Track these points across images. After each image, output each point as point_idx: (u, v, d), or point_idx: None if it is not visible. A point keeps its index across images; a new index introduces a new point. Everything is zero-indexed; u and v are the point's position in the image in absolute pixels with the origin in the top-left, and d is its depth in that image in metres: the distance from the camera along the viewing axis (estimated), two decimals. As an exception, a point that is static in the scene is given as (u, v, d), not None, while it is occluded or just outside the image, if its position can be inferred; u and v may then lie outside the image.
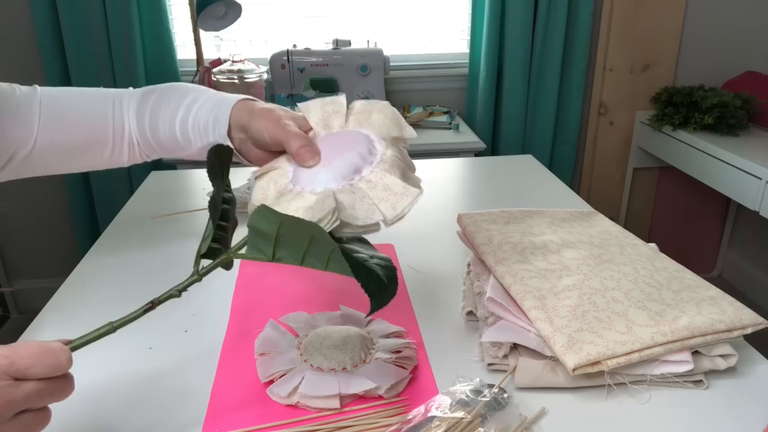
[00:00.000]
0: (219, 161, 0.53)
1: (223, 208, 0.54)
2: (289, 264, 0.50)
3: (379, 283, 0.49)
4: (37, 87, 0.71)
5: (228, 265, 0.55)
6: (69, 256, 2.13)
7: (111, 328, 0.49)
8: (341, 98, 0.65)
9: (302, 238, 0.47)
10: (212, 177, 0.53)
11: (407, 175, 0.58)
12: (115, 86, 1.88)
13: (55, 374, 0.43)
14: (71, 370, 0.45)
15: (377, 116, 0.62)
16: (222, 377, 0.63)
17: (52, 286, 0.83)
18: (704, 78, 2.12)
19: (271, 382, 0.61)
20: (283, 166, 0.60)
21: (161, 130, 0.72)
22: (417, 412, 0.55)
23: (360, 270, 0.47)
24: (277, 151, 0.63)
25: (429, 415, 0.55)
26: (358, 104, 0.64)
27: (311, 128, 0.63)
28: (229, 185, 0.56)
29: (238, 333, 0.71)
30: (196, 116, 0.70)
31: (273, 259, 0.49)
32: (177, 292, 0.52)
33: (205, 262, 0.53)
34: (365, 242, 0.53)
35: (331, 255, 0.47)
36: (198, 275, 0.52)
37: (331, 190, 0.54)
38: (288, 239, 0.47)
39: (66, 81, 1.90)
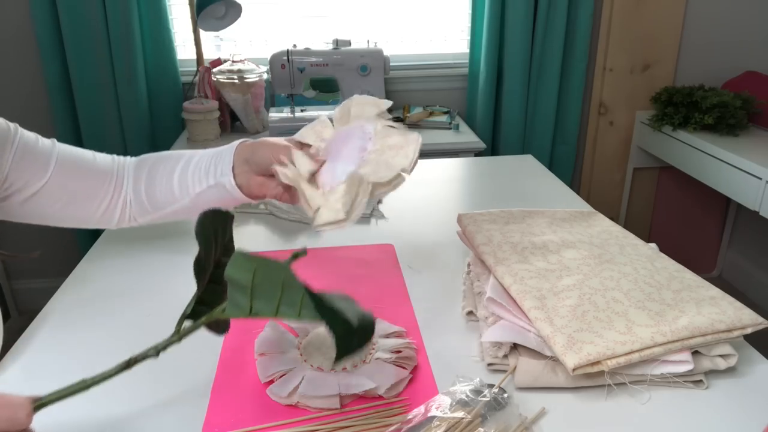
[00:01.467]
0: (213, 226, 0.51)
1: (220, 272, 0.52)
2: (265, 317, 0.48)
3: (347, 327, 0.45)
4: (55, 141, 0.77)
5: (222, 329, 0.55)
6: (69, 256, 2.13)
7: (84, 386, 0.47)
8: (323, 116, 0.74)
9: (275, 284, 0.46)
10: (199, 239, 0.50)
11: (402, 134, 0.66)
12: (115, 87, 1.90)
13: (10, 429, 0.42)
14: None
15: (354, 109, 0.71)
16: (222, 377, 0.63)
17: (52, 286, 0.83)
18: (704, 78, 2.12)
19: (271, 382, 0.61)
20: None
21: (157, 185, 0.78)
22: (417, 412, 0.55)
23: (326, 311, 0.44)
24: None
25: (429, 415, 0.55)
26: (336, 112, 0.73)
27: (311, 146, 0.71)
28: (231, 246, 0.54)
29: (238, 333, 0.71)
30: (197, 164, 0.76)
31: (251, 313, 0.47)
32: (155, 352, 0.50)
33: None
34: (351, 300, 0.49)
35: (302, 300, 0.45)
36: (178, 337, 0.50)
37: (352, 172, 0.62)
38: (263, 288, 0.46)
39: (66, 81, 1.90)
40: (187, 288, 0.84)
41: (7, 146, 0.70)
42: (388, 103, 0.70)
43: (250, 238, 0.95)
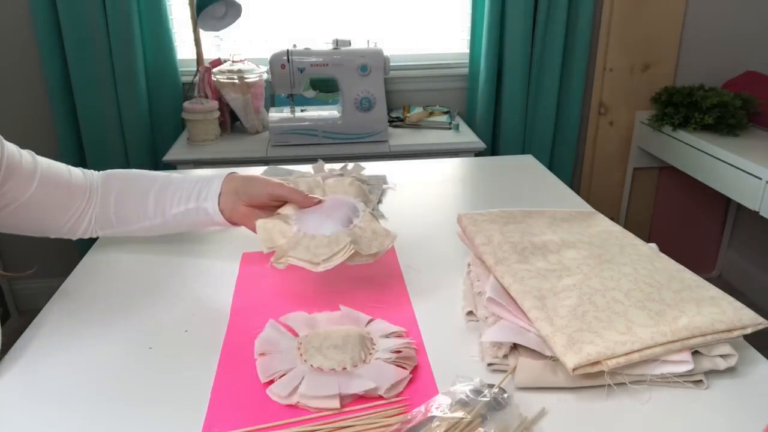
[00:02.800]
0: None
1: None
2: None
3: None
4: (33, 153, 0.80)
5: None
6: (69, 256, 2.13)
7: None
8: (319, 178, 0.86)
9: None
10: None
11: (385, 227, 0.78)
12: (115, 87, 1.90)
13: None
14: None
15: (350, 188, 0.84)
16: (222, 377, 0.63)
17: (52, 286, 0.83)
18: (704, 78, 2.12)
19: (271, 382, 0.61)
20: (286, 212, 0.78)
21: (129, 203, 0.82)
22: (417, 412, 0.55)
23: None
24: (266, 206, 0.79)
25: (429, 415, 0.55)
26: (330, 181, 0.86)
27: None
28: None
29: (238, 333, 0.71)
30: (178, 187, 0.81)
31: None
32: None
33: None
34: None
35: None
36: None
37: (340, 231, 0.74)
38: None
39: (66, 81, 1.90)
40: (187, 288, 0.84)
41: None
42: (374, 202, 0.86)
43: (250, 239, 0.95)
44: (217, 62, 1.95)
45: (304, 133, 1.80)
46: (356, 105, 1.79)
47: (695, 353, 0.61)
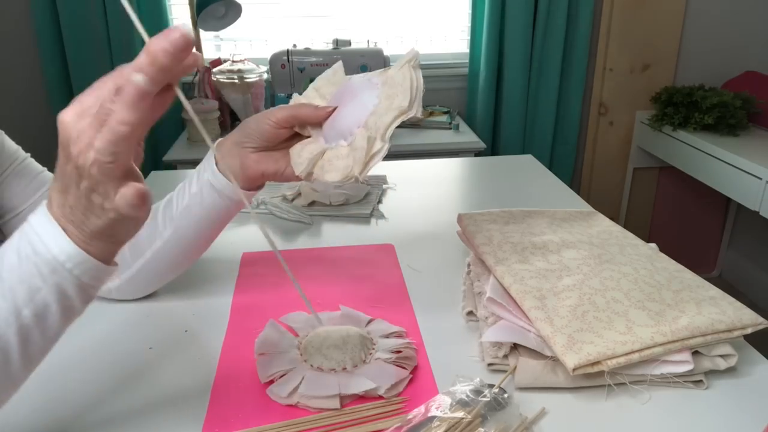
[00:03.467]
0: None
1: None
2: None
3: None
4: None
5: None
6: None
7: None
8: (314, 89, 0.71)
9: None
10: None
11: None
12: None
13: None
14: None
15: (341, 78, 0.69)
16: (222, 377, 0.63)
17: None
18: (704, 78, 2.12)
19: (271, 382, 0.61)
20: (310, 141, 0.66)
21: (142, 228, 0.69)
22: (417, 412, 0.55)
23: None
24: (282, 140, 0.67)
25: (429, 415, 0.55)
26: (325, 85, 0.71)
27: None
28: None
29: (238, 333, 0.71)
30: (182, 185, 0.70)
31: None
32: None
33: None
34: None
35: None
36: None
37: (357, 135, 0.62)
38: None
39: (66, 81, 1.90)
40: (186, 288, 0.84)
41: (6, 164, 0.70)
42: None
43: (250, 238, 0.95)
44: (217, 62, 1.96)
45: (304, 133, 1.80)
46: (356, 105, 1.78)
47: (695, 353, 0.61)
